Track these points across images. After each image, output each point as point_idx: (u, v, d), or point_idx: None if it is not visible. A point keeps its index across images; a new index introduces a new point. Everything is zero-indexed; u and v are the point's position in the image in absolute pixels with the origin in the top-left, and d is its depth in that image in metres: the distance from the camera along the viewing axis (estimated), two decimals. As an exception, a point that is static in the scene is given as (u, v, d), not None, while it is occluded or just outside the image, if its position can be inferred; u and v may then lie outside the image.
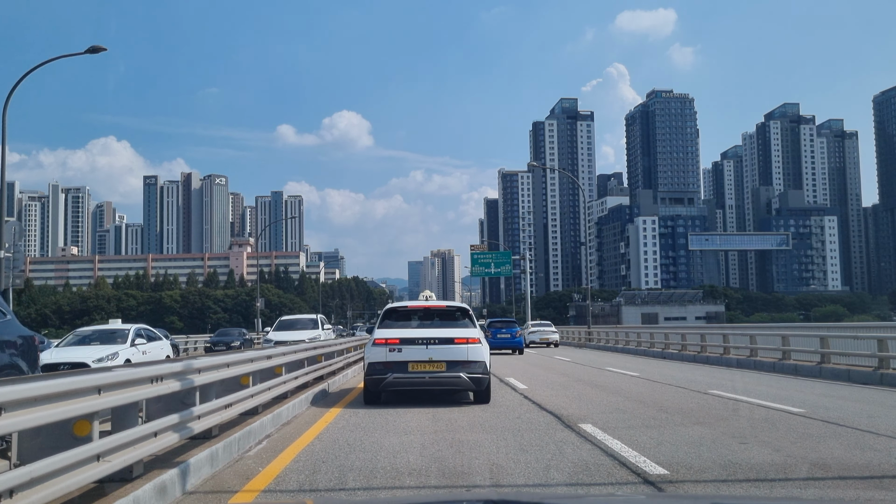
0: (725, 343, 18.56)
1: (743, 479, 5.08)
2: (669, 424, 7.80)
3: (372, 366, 10.08)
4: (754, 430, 7.32)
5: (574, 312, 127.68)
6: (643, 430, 7.36)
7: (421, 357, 9.92)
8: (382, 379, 9.93)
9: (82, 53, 18.83)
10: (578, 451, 6.21)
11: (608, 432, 7.22)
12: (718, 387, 12.32)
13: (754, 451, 6.11)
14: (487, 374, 10.15)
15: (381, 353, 10.02)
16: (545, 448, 6.39)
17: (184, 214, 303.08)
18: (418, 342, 9.98)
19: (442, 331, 10.23)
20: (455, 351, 9.96)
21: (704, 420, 8.09)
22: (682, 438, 6.81)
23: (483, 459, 5.91)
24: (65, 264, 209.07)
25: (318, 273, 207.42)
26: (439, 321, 10.79)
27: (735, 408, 9.44)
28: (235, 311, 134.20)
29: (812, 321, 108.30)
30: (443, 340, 9.98)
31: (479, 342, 10.22)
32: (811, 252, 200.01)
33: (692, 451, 6.12)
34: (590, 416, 8.55)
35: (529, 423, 7.98)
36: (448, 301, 12.81)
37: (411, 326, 10.68)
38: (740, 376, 14.89)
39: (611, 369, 17.42)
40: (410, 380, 9.91)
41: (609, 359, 22.98)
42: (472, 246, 56.76)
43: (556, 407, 9.46)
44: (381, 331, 10.40)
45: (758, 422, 7.94)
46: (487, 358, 10.25)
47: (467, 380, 9.89)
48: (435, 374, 9.86)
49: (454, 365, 9.92)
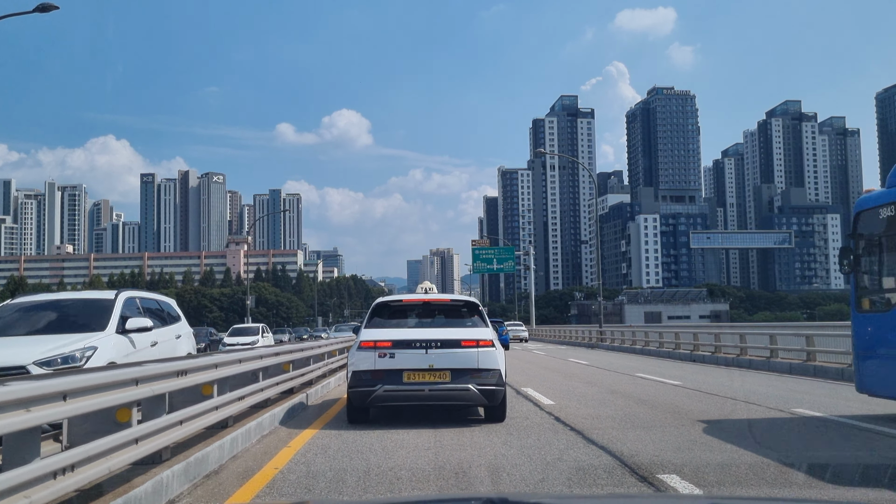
0: (773, 345, 16.05)
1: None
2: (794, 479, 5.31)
3: (357, 375, 7.87)
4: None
5: (576, 311, 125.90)
6: (765, 489, 4.85)
7: (419, 364, 7.76)
8: (370, 392, 7.74)
9: (31, 12, 16.45)
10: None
11: (709, 489, 4.77)
12: (806, 404, 9.80)
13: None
14: (503, 385, 7.98)
15: (369, 359, 7.82)
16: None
17: (181, 213, 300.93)
18: (416, 345, 7.83)
19: (446, 331, 8.17)
20: (462, 356, 7.83)
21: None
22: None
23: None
24: (59, 263, 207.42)
25: (316, 271, 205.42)
26: (443, 319, 8.69)
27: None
28: (232, 309, 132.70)
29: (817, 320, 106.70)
30: (447, 343, 7.87)
31: (493, 345, 8.02)
32: (814, 250, 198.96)
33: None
34: (664, 456, 5.96)
35: (579, 470, 5.46)
36: (453, 294, 10.40)
37: (407, 326, 8.51)
38: (831, 389, 12.42)
39: (642, 375, 14.97)
40: (406, 393, 7.76)
41: (631, 362, 20.50)
42: (474, 241, 54.27)
43: (607, 438, 6.92)
44: (370, 331, 8.16)
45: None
46: (503, 365, 8.05)
47: (478, 393, 7.74)
48: (437, 385, 7.73)
49: (461, 374, 7.78)
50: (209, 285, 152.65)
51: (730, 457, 5.86)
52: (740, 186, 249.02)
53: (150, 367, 4.87)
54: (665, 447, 6.36)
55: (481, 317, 8.52)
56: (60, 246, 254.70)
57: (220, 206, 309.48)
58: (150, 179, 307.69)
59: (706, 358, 19.43)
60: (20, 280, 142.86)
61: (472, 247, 50.78)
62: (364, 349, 7.86)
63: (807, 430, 7.49)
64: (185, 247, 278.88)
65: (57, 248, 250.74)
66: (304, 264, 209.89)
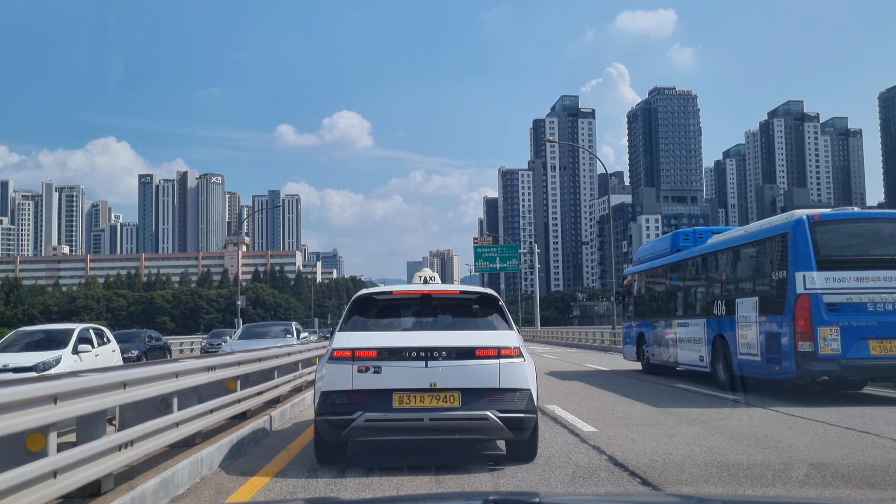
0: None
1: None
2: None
3: (327, 398, 5.42)
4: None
5: (578, 312, 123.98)
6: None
7: (416, 382, 5.36)
8: (346, 422, 5.30)
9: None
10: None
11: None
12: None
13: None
14: (534, 411, 5.54)
15: (345, 374, 5.40)
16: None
17: (179, 214, 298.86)
18: (411, 355, 5.42)
19: (454, 335, 5.75)
20: (477, 371, 5.42)
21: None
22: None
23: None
24: (56, 264, 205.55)
25: (315, 272, 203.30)
26: (449, 318, 6.28)
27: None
28: (229, 311, 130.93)
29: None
30: (455, 352, 5.46)
31: (520, 354, 5.59)
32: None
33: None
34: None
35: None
36: (462, 285, 7.70)
37: (400, 328, 6.12)
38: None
39: (682, 386, 12.64)
40: (397, 423, 5.34)
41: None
42: (476, 239, 51.91)
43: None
44: (347, 335, 5.74)
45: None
46: (534, 383, 5.62)
47: (499, 423, 5.32)
48: (441, 412, 5.33)
49: (476, 396, 5.38)
50: (206, 286, 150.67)
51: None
52: (742, 187, 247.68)
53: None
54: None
55: (503, 315, 6.08)
56: (57, 247, 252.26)
57: (219, 207, 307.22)
58: (149, 180, 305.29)
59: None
60: (15, 281, 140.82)
61: (474, 245, 48.39)
62: (337, 361, 5.44)
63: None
64: (184, 248, 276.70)
65: (53, 249, 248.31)
66: (303, 265, 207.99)
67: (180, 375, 5.39)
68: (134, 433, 4.49)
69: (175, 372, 5.32)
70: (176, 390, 5.34)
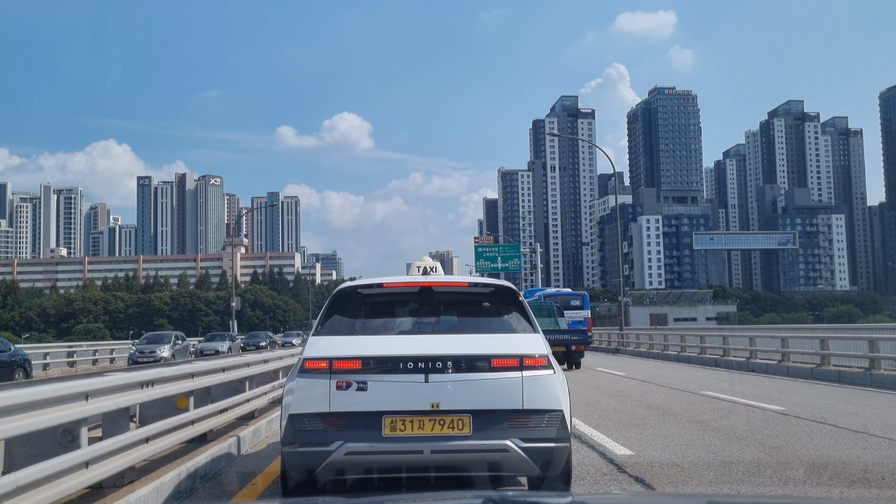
0: (874, 352, 12.44)
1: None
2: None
3: (296, 423, 4.11)
4: None
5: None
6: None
7: (413, 403, 4.04)
8: (322, 455, 3.98)
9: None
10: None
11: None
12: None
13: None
14: (567, 438, 4.19)
15: (319, 391, 4.07)
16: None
17: (178, 216, 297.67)
18: (407, 366, 4.09)
19: (462, 340, 4.38)
20: (494, 388, 4.10)
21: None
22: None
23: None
24: (53, 266, 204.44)
25: (314, 274, 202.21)
26: (454, 319, 4.86)
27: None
28: (227, 313, 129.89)
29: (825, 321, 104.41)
30: (464, 362, 4.11)
31: (548, 364, 4.24)
32: (818, 251, 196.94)
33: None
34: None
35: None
36: (472, 277, 5.89)
37: (391, 331, 4.73)
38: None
39: (711, 394, 11.33)
40: (388, 456, 4.02)
41: (675, 372, 16.89)
42: (477, 238, 50.80)
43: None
44: (323, 340, 4.40)
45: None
46: (567, 402, 4.27)
47: (523, 455, 4.00)
48: (447, 442, 4.01)
49: (491, 420, 4.07)
50: (205, 288, 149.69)
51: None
52: (742, 187, 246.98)
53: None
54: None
55: (524, 314, 4.68)
56: (55, 249, 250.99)
57: (218, 209, 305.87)
58: (147, 182, 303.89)
59: (769, 368, 15.78)
60: (12, 284, 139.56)
61: (475, 244, 47.13)
62: (310, 374, 4.14)
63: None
64: (182, 250, 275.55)
65: (51, 251, 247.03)
66: (302, 267, 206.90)
67: (90, 397, 3.92)
68: (37, 472, 3.25)
69: (85, 392, 3.87)
70: (86, 416, 3.91)
